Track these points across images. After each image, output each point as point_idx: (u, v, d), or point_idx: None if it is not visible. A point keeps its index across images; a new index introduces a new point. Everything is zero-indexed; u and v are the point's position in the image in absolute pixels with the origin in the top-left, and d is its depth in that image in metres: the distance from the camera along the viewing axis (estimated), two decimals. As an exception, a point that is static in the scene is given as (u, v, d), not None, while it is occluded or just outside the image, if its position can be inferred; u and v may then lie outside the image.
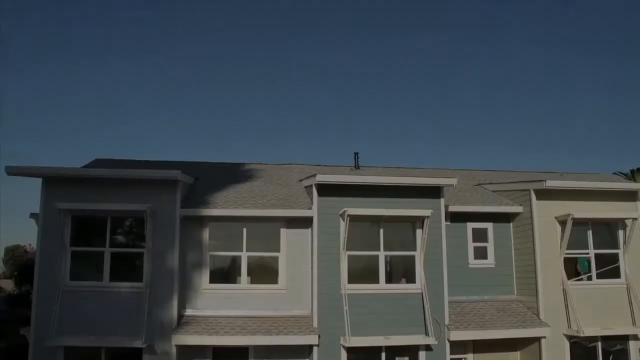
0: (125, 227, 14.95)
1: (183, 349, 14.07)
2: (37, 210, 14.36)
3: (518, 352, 15.79)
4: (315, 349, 13.79)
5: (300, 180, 17.14)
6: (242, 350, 14.60)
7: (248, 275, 14.80)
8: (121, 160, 19.37)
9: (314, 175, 14.62)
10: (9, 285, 34.24)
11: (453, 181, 14.90)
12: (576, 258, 15.85)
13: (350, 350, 13.94)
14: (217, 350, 14.49)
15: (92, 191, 14.14)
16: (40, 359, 13.46)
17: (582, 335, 14.52)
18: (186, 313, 14.34)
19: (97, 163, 18.47)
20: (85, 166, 17.59)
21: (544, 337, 14.73)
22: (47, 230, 13.94)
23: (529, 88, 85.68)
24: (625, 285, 15.53)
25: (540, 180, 15.49)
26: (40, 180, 14.27)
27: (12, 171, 14.17)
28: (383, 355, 14.22)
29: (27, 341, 14.00)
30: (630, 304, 15.43)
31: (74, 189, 14.11)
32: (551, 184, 15.19)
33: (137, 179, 14.38)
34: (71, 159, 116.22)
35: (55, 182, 14.18)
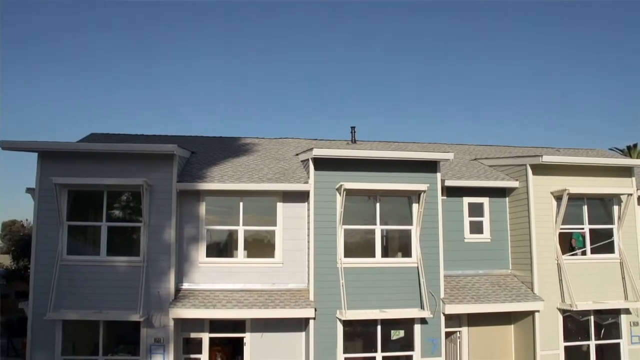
0: (122, 202, 14.91)
1: (180, 322, 14.20)
2: (33, 185, 14.32)
3: (512, 326, 15.95)
4: (311, 322, 13.90)
5: (297, 155, 17.08)
6: (239, 324, 14.74)
7: (245, 249, 14.80)
8: (117, 134, 19.33)
9: (311, 149, 14.57)
10: (6, 260, 34.28)
11: (449, 156, 14.86)
12: (571, 233, 15.93)
13: (346, 324, 14.09)
14: (214, 323, 14.64)
15: (88, 166, 14.07)
16: (39, 333, 13.54)
17: (575, 309, 14.65)
18: (183, 287, 14.39)
19: (93, 137, 18.38)
20: (81, 141, 17.50)
21: (538, 311, 14.86)
22: (43, 205, 13.89)
23: (527, 65, 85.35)
24: (619, 260, 15.65)
25: (537, 155, 15.47)
26: (35, 155, 14.15)
27: (8, 145, 14.11)
28: (379, 328, 14.34)
29: (26, 315, 14.05)
30: (623, 278, 15.55)
31: (69, 164, 14.03)
32: (547, 159, 15.16)
33: (133, 153, 14.29)
34: (66, 133, 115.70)
35: (50, 156, 14.09)
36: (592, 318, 15.57)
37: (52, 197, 13.59)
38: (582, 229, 15.83)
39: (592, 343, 15.53)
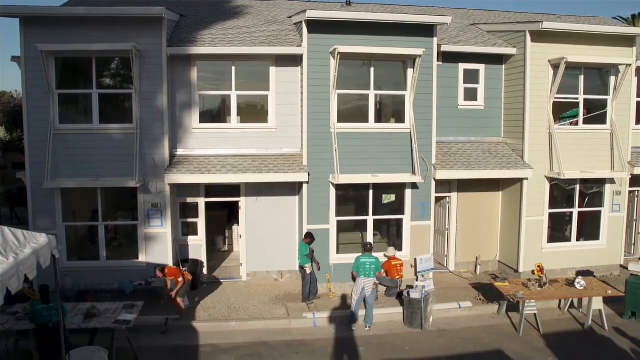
0: (112, 69, 14.53)
1: (176, 188, 14.49)
2: (18, 53, 13.83)
3: (500, 192, 16.40)
4: (305, 186, 14.15)
5: (290, 17, 16.50)
6: (234, 188, 15.07)
7: (238, 114, 14.68)
8: (102, -2, 18.36)
9: (304, 11, 13.91)
10: (0, 132, 34.07)
11: (447, 19, 14.32)
12: (565, 102, 15.79)
13: (339, 188, 14.39)
14: (210, 188, 14.97)
15: (74, 31, 13.52)
16: (39, 201, 13.80)
17: (563, 177, 14.93)
18: (178, 153, 14.48)
19: (77, 1, 17.54)
20: (64, 5, 16.72)
21: (527, 179, 15.20)
22: (31, 74, 13.50)
23: None
24: (610, 132, 15.72)
25: (537, 22, 14.96)
26: (17, 21, 13.49)
27: (-14, 12, 13.43)
28: (370, 192, 14.67)
29: (25, 185, 14.24)
30: (612, 149, 15.72)
31: (54, 30, 13.46)
32: (548, 25, 14.64)
33: (120, 16, 13.62)
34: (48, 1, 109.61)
35: (34, 22, 13.45)
36: (577, 187, 15.98)
37: (40, 65, 13.19)
38: (577, 99, 15.70)
39: (576, 210, 16.08)
